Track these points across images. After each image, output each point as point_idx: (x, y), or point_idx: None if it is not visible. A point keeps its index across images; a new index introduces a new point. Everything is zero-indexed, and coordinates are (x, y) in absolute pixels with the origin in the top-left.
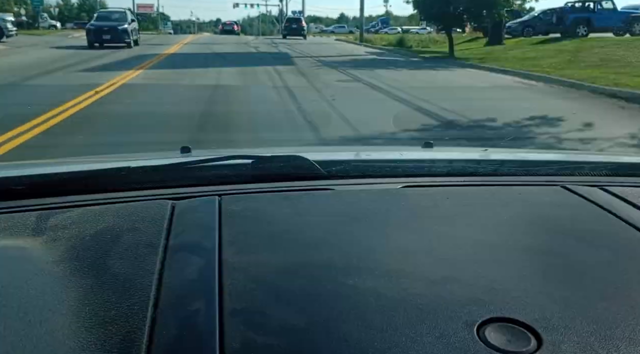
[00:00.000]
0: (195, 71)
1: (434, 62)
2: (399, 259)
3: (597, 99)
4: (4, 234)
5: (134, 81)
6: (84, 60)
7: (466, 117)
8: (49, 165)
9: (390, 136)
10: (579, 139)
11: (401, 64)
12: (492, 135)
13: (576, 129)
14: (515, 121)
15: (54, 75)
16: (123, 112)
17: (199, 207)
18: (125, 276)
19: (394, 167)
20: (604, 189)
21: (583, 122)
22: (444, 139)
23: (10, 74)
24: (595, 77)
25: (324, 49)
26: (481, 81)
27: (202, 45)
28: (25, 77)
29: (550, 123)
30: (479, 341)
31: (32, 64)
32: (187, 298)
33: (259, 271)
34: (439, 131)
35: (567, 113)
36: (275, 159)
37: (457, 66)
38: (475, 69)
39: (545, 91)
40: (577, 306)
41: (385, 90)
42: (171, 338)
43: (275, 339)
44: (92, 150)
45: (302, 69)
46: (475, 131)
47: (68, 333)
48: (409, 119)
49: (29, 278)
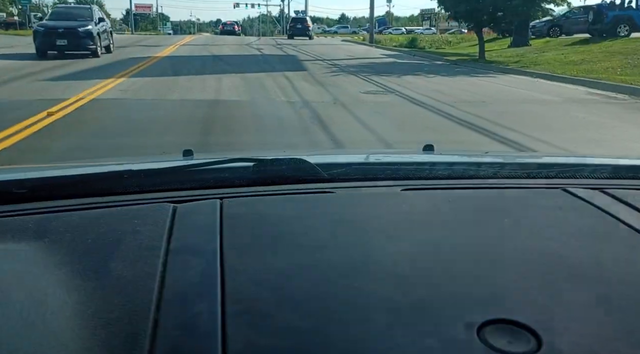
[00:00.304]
0: (188, 80)
1: (466, 67)
2: (400, 261)
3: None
4: (5, 238)
5: (108, 95)
6: (57, 66)
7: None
8: (50, 169)
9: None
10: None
11: (428, 68)
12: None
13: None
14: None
15: (9, 85)
16: (78, 147)
17: (201, 210)
18: (127, 278)
19: (395, 170)
20: (605, 191)
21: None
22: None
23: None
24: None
25: (334, 51)
26: (544, 92)
27: (199, 47)
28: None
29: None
30: (480, 342)
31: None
32: (189, 300)
33: (261, 273)
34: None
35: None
36: (277, 162)
37: (497, 72)
38: (521, 76)
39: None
40: (577, 308)
41: (433, 107)
42: (174, 340)
43: (277, 341)
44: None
45: (317, 75)
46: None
47: (70, 335)
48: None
49: (30, 281)
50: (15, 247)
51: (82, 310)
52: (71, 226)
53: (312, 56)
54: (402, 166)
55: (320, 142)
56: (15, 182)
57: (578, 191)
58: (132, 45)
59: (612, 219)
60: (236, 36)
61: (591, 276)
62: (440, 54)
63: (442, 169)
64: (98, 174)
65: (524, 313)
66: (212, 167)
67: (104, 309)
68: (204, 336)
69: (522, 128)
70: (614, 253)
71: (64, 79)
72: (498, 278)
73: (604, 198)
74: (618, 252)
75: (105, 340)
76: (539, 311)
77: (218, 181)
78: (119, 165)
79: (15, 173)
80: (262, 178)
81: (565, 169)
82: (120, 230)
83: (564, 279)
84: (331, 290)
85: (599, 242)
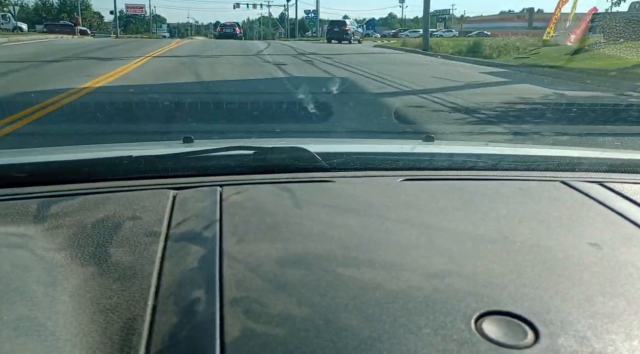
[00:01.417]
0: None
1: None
2: (398, 251)
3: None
4: (5, 222)
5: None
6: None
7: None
8: (51, 153)
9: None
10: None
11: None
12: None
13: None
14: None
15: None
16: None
17: (201, 197)
18: (126, 264)
19: (395, 160)
20: (604, 185)
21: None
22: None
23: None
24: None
25: (401, 69)
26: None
27: (183, 61)
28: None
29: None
30: (476, 333)
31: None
32: (187, 286)
33: (259, 260)
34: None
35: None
36: (277, 150)
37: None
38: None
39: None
40: (574, 300)
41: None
42: (171, 326)
43: (274, 328)
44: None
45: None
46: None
47: (69, 320)
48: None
49: (30, 265)
50: (15, 231)
51: (81, 295)
52: (71, 211)
53: (381, 80)
54: (402, 157)
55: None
56: (16, 166)
57: (577, 184)
58: (74, 57)
59: (611, 212)
60: (237, 40)
61: (589, 269)
62: (592, 74)
63: (442, 159)
64: (98, 160)
65: (521, 305)
66: (213, 155)
67: (103, 294)
68: (202, 322)
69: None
70: (613, 246)
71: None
72: (496, 270)
73: (603, 192)
74: (617, 246)
75: (104, 325)
76: (536, 304)
77: (218, 168)
78: (120, 151)
79: (15, 157)
80: (262, 166)
81: (564, 162)
82: (120, 215)
83: (562, 271)
84: (328, 278)
85: (597, 235)
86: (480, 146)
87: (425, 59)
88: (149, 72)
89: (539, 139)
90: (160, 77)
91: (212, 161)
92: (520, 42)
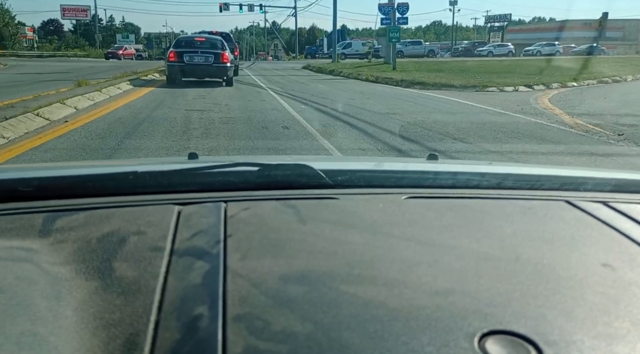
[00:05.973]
0: None
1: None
2: (402, 269)
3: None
4: (11, 235)
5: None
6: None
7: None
8: (57, 168)
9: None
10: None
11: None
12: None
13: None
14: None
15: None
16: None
17: (205, 212)
18: (130, 279)
19: (399, 178)
20: (608, 205)
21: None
22: None
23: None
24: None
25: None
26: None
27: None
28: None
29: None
30: (480, 352)
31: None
32: (191, 302)
33: (263, 277)
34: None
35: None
36: (281, 167)
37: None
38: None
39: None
40: (578, 321)
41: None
42: (174, 342)
43: (276, 345)
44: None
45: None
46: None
47: (72, 335)
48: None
49: (34, 278)
50: (20, 245)
51: (84, 309)
52: (76, 226)
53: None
54: (406, 174)
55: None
56: (23, 181)
57: (581, 204)
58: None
59: (616, 232)
60: (228, 87)
61: (593, 290)
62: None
63: (445, 178)
64: (104, 175)
65: (525, 324)
66: (218, 171)
67: (106, 309)
68: (205, 338)
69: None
70: (617, 267)
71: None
72: (500, 289)
73: (607, 212)
74: (621, 266)
75: (106, 341)
76: (540, 323)
77: (223, 184)
78: (125, 166)
79: (22, 172)
80: (266, 182)
81: (568, 181)
82: (125, 230)
83: (566, 291)
84: (332, 296)
85: (602, 256)
86: (484, 164)
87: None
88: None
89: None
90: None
91: (217, 177)
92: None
